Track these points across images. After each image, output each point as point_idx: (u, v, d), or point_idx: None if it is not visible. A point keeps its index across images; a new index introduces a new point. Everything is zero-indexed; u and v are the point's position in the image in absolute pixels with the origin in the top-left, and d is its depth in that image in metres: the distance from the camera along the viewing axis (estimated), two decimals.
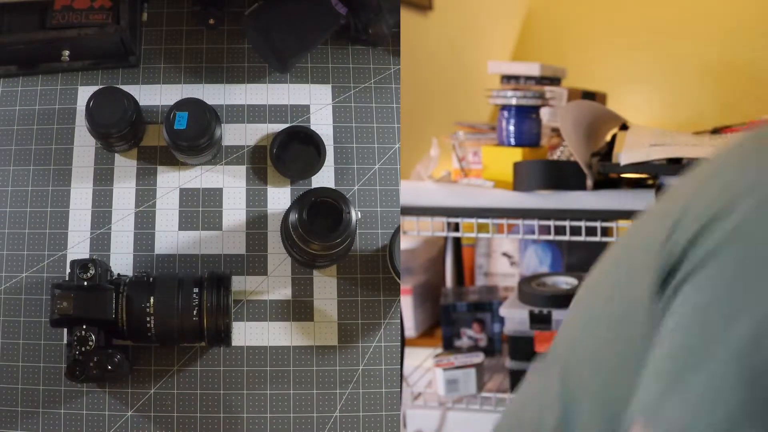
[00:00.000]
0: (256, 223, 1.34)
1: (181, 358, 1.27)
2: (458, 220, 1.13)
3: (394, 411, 1.27)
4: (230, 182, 1.36)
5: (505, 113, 1.17)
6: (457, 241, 1.35)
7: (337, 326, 1.30)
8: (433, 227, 1.16)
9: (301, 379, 1.27)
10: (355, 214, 1.20)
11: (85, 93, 1.34)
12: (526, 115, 1.17)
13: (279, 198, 1.35)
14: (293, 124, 1.39)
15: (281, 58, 1.36)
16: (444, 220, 1.14)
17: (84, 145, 1.35)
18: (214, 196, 1.35)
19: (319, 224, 1.20)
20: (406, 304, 1.29)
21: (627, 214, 1.06)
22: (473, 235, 1.13)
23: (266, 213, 1.35)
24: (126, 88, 1.31)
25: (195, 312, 1.16)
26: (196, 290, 1.17)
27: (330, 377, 1.28)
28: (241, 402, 1.26)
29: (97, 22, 1.33)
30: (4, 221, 1.31)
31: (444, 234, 1.15)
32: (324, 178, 1.37)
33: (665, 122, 1.46)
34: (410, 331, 1.28)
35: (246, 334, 1.28)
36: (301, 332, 1.29)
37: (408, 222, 1.14)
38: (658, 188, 1.07)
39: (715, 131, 1.12)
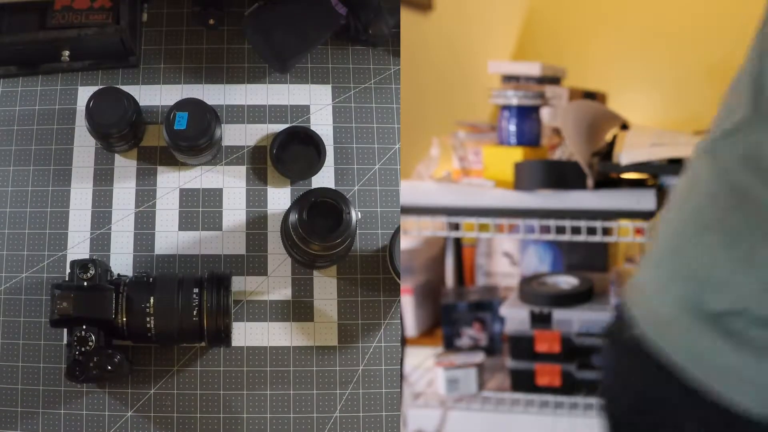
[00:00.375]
0: (256, 223, 1.34)
1: (181, 359, 1.27)
2: (459, 219, 1.13)
3: (394, 411, 1.27)
4: (230, 182, 1.36)
5: (506, 113, 1.17)
6: (458, 241, 1.35)
7: (337, 326, 1.30)
8: (434, 227, 1.16)
9: (301, 380, 1.27)
10: (355, 215, 1.20)
11: (85, 93, 1.34)
12: (527, 114, 1.17)
13: (279, 198, 1.35)
14: (293, 124, 1.39)
15: (281, 58, 1.36)
16: (444, 219, 1.14)
17: (84, 145, 1.35)
18: (214, 196, 1.35)
19: (319, 224, 1.19)
20: (407, 303, 1.29)
21: (627, 214, 1.05)
22: (474, 234, 1.13)
23: (266, 213, 1.35)
24: (126, 88, 1.31)
25: (195, 312, 1.15)
26: (196, 290, 1.17)
27: (330, 377, 1.28)
28: (241, 402, 1.26)
29: (97, 22, 1.33)
30: (4, 221, 1.31)
31: (445, 234, 1.15)
32: (324, 178, 1.37)
33: (665, 123, 1.46)
34: (411, 330, 1.28)
35: (246, 334, 1.28)
36: (301, 332, 1.29)
37: (408, 222, 1.14)
38: (659, 188, 1.07)
39: None
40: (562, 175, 1.09)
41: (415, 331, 1.30)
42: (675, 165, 1.02)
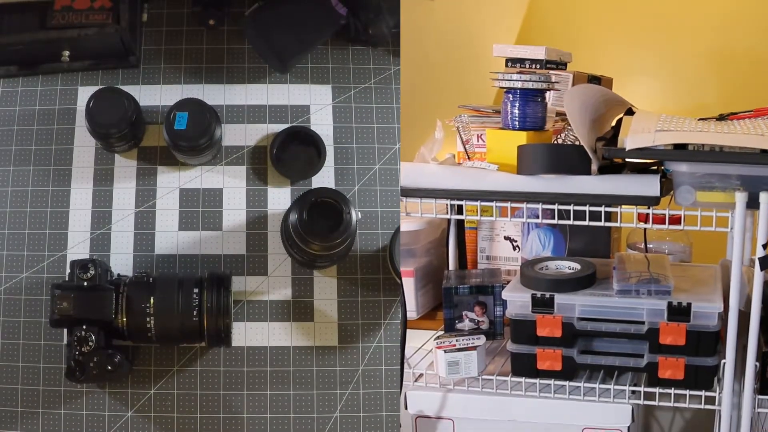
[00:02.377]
0: (256, 223, 1.34)
1: (181, 359, 1.27)
2: (461, 202, 1.12)
3: (394, 411, 1.27)
4: (230, 182, 1.36)
5: (510, 96, 1.16)
6: (460, 224, 1.34)
7: (337, 327, 1.30)
8: (437, 209, 1.15)
9: (302, 380, 1.27)
10: (355, 215, 1.20)
11: (85, 93, 1.34)
12: (531, 98, 1.16)
13: (279, 198, 1.35)
14: (293, 124, 1.39)
15: (281, 59, 1.36)
16: (447, 202, 1.13)
17: (84, 145, 1.35)
18: (214, 196, 1.35)
19: (320, 224, 1.20)
20: (408, 286, 1.28)
21: (631, 200, 1.05)
22: (476, 218, 1.12)
23: (266, 213, 1.35)
24: (126, 88, 1.31)
25: (195, 312, 1.15)
26: (196, 290, 1.17)
27: (330, 378, 1.28)
28: (241, 402, 1.26)
29: (97, 23, 1.33)
30: (4, 221, 1.31)
31: (447, 216, 1.14)
32: (324, 178, 1.37)
33: (670, 109, 1.45)
34: (412, 313, 1.28)
35: (246, 334, 1.28)
36: (302, 332, 1.29)
37: (411, 204, 1.13)
38: (663, 174, 1.06)
39: (721, 117, 1.11)
40: (566, 160, 1.08)
41: (417, 313, 1.29)
42: (680, 150, 1.01)
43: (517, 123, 1.17)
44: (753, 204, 0.99)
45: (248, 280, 1.31)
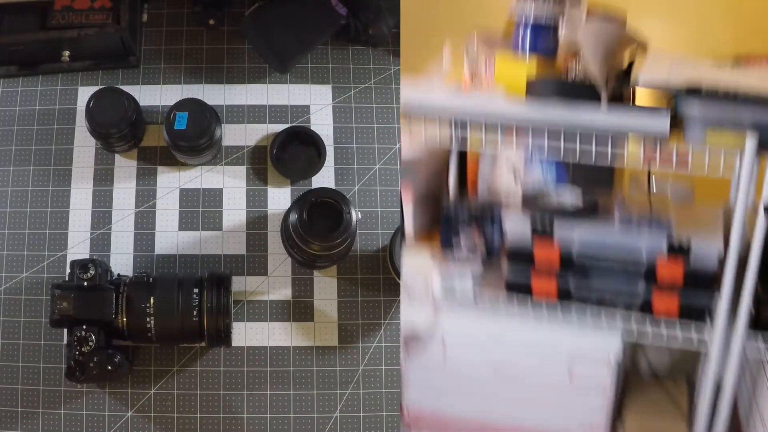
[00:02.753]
0: (256, 223, 1.34)
1: (181, 359, 1.27)
2: (467, 131, 1.10)
3: (394, 411, 1.27)
4: (230, 182, 1.36)
5: (521, 28, 1.15)
6: (462, 154, 1.32)
7: (338, 326, 1.30)
8: (441, 135, 1.13)
9: (302, 380, 1.27)
10: (355, 215, 1.20)
11: (85, 93, 1.35)
12: (543, 30, 1.15)
13: (279, 198, 1.36)
14: (293, 124, 1.39)
15: (281, 59, 1.36)
16: (451, 126, 1.11)
17: (84, 145, 1.35)
18: (214, 196, 1.35)
19: (320, 224, 1.20)
20: (407, 209, 1.27)
21: (640, 133, 1.03)
22: (481, 138, 1.10)
23: (266, 213, 1.35)
24: (126, 88, 1.31)
25: (195, 312, 1.16)
26: (196, 290, 1.17)
27: (330, 377, 1.28)
28: (241, 402, 1.26)
29: (97, 23, 1.33)
30: (4, 221, 1.31)
31: (450, 135, 1.12)
32: (324, 178, 1.37)
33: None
34: (410, 237, 1.27)
35: (246, 334, 1.28)
36: (302, 332, 1.29)
37: (415, 126, 1.12)
38: (674, 114, 1.05)
39: (736, 62, 1.11)
40: (576, 95, 1.06)
41: (414, 236, 1.28)
42: (693, 90, 1.00)
43: (527, 54, 1.16)
44: (762, 148, 0.99)
45: (248, 280, 1.31)
